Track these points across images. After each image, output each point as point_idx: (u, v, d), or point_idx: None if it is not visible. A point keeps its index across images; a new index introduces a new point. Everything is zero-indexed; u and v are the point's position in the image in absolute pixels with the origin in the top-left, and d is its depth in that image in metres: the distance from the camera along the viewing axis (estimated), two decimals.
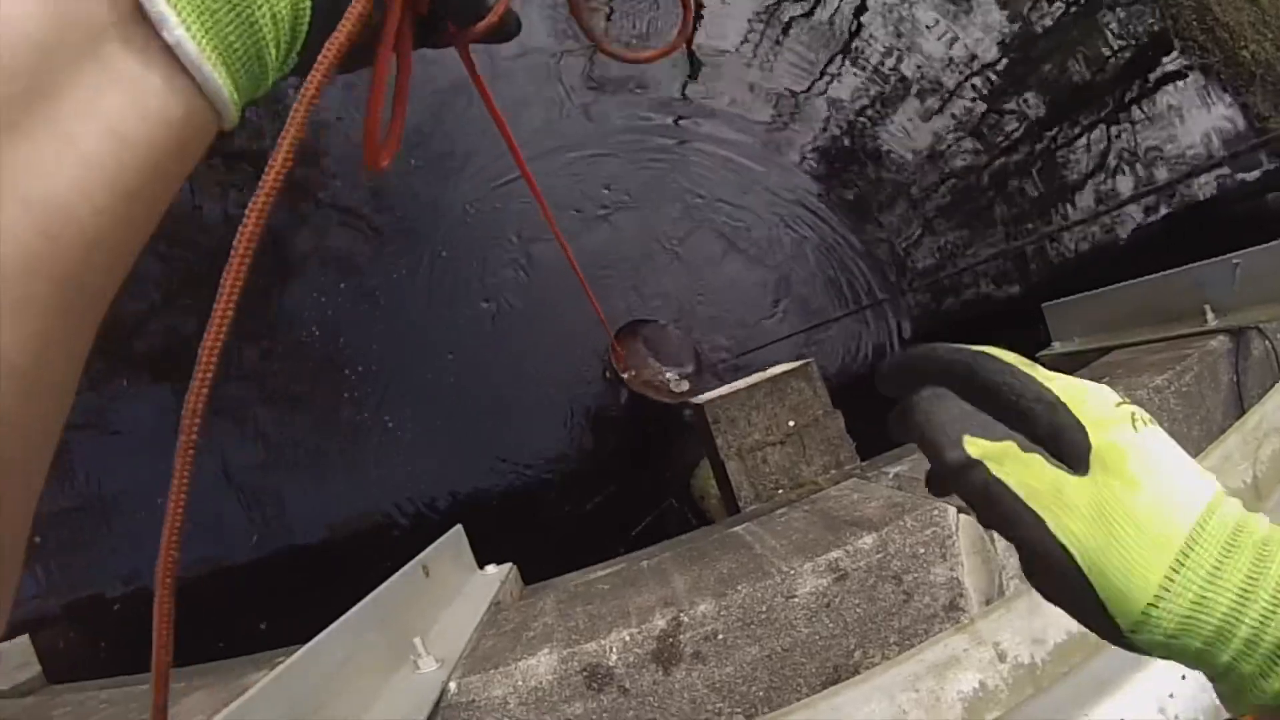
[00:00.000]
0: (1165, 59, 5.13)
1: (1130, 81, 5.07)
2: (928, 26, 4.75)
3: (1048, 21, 5.07)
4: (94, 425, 3.42)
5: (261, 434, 3.49)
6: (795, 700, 1.38)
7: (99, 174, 0.28)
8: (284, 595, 3.16)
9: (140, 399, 3.44)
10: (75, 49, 0.27)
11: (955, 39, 4.78)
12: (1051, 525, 0.44)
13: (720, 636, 1.33)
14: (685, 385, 3.95)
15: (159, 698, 0.55)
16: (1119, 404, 0.47)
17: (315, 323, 3.60)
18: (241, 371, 3.55)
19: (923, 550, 1.45)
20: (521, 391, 3.73)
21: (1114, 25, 5.18)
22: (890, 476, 1.73)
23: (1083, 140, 4.88)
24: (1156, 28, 5.18)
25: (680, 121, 4.22)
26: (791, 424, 1.93)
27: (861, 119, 4.51)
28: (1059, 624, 1.49)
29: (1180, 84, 5.08)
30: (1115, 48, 5.14)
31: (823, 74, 4.48)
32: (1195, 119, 5.01)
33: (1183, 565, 0.42)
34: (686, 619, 1.33)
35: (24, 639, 2.87)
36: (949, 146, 4.62)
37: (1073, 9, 5.12)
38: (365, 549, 3.43)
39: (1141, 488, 0.43)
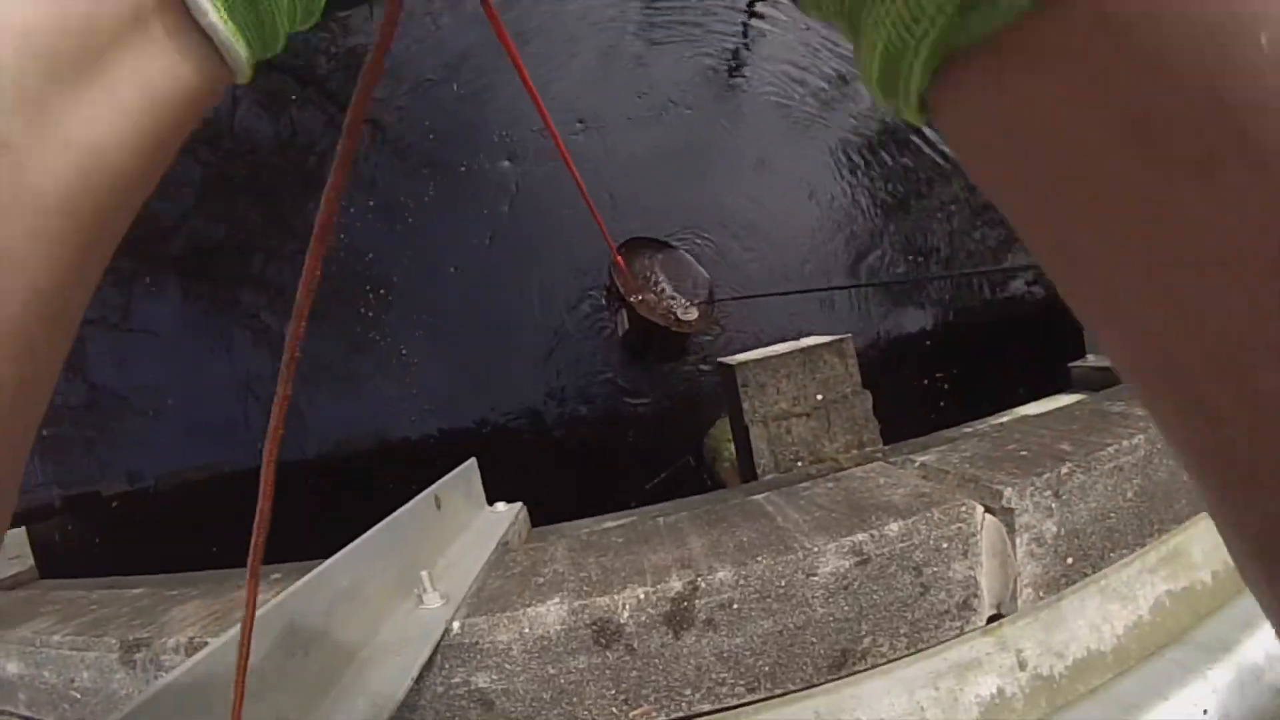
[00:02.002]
0: None
1: None
2: None
3: None
4: (112, 322, 3.41)
5: (281, 344, 3.48)
6: (800, 678, 1.36)
7: (132, 124, 0.32)
8: (284, 506, 3.14)
9: (163, 299, 3.43)
10: (122, 22, 0.31)
11: None
12: None
13: (735, 606, 1.30)
14: (694, 314, 3.75)
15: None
16: None
17: (343, 237, 3.57)
18: (265, 280, 3.53)
19: (946, 545, 1.42)
20: (541, 327, 3.69)
21: None
22: (917, 465, 1.70)
23: None
24: None
25: (737, 62, 4.20)
26: (820, 397, 1.89)
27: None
28: (1080, 639, 1.46)
29: None
30: None
31: None
32: None
33: None
34: (704, 584, 1.29)
35: (19, 531, 2.87)
36: None
37: None
38: (371, 468, 3.44)
39: None
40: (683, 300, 3.77)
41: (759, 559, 1.32)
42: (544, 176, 3.74)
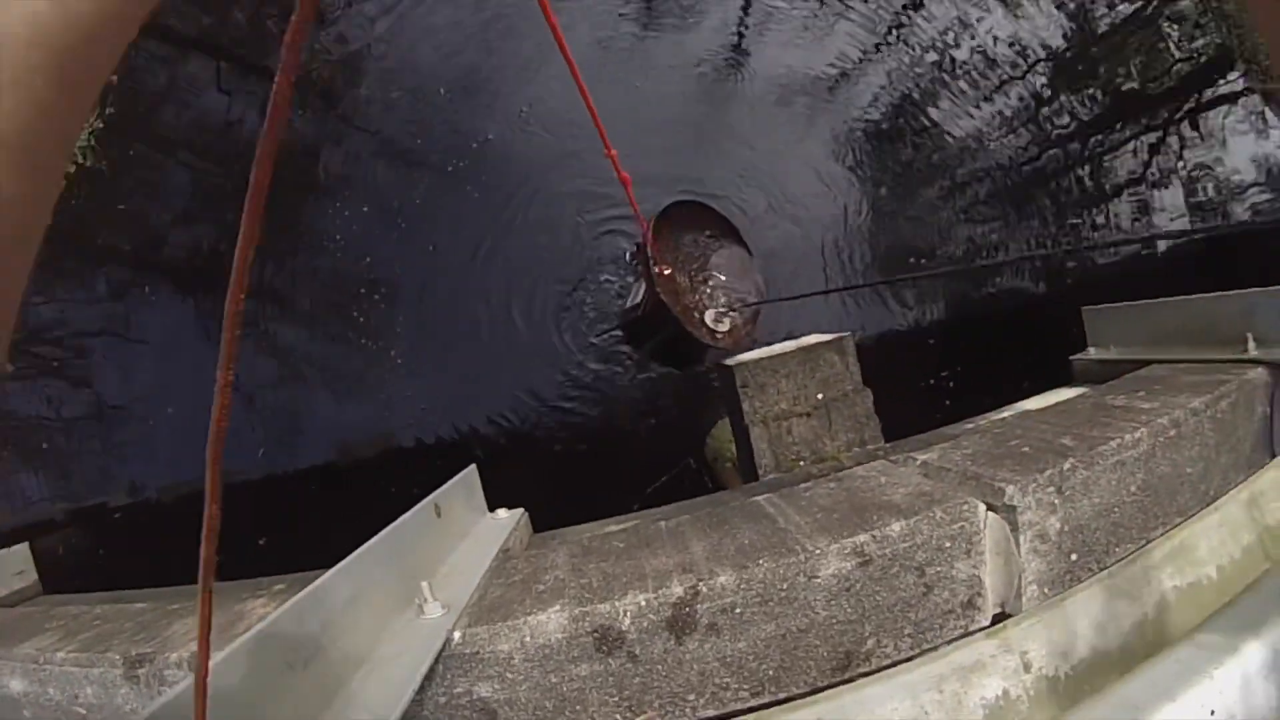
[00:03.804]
0: (1224, 79, 5.00)
1: (1186, 96, 4.95)
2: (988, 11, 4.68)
3: (1107, 25, 4.94)
4: (113, 332, 3.40)
5: (281, 350, 3.50)
6: (804, 681, 1.35)
7: None
8: (286, 512, 3.15)
9: (162, 308, 3.43)
10: None
11: (1014, 28, 4.69)
12: None
13: (738, 610, 1.29)
14: (726, 325, 3.07)
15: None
16: None
17: (339, 238, 3.58)
18: (262, 288, 3.53)
19: (949, 544, 1.41)
20: (539, 328, 3.68)
21: (1176, 37, 5.04)
22: (919, 463, 1.69)
23: (1130, 148, 4.78)
24: (1219, 46, 5.03)
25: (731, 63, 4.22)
26: (820, 396, 1.88)
27: (910, 96, 4.47)
28: (1086, 639, 1.45)
29: (1236, 106, 4.96)
30: (1174, 60, 5.00)
31: (876, 47, 4.43)
32: (1247, 142, 4.90)
33: None
34: (705, 589, 1.28)
35: (23, 547, 2.86)
36: (994, 137, 4.56)
37: (1135, 15, 4.99)
38: (371, 473, 3.44)
39: None
40: (721, 303, 3.12)
41: (760, 562, 1.31)
42: (536, 172, 3.76)
